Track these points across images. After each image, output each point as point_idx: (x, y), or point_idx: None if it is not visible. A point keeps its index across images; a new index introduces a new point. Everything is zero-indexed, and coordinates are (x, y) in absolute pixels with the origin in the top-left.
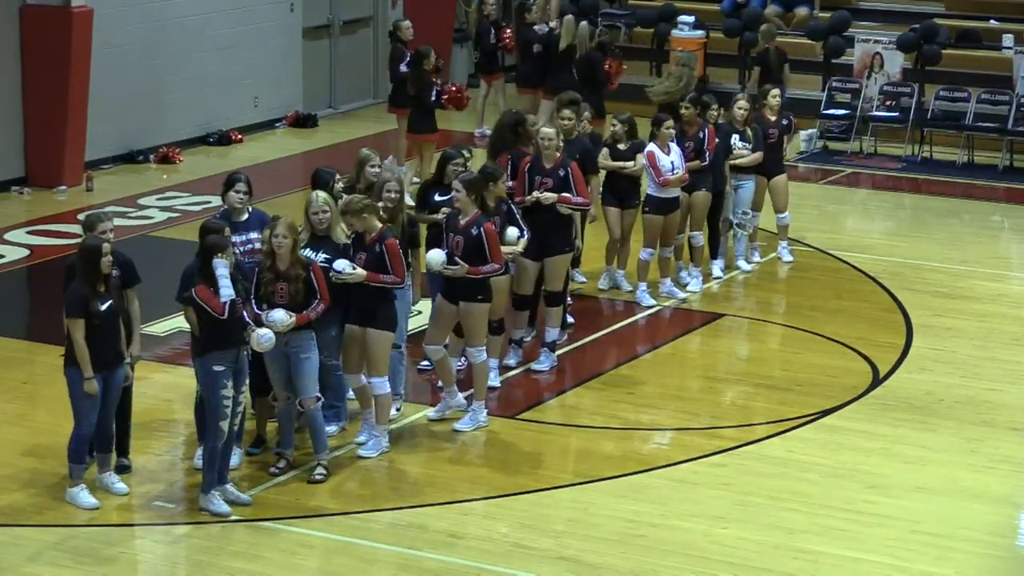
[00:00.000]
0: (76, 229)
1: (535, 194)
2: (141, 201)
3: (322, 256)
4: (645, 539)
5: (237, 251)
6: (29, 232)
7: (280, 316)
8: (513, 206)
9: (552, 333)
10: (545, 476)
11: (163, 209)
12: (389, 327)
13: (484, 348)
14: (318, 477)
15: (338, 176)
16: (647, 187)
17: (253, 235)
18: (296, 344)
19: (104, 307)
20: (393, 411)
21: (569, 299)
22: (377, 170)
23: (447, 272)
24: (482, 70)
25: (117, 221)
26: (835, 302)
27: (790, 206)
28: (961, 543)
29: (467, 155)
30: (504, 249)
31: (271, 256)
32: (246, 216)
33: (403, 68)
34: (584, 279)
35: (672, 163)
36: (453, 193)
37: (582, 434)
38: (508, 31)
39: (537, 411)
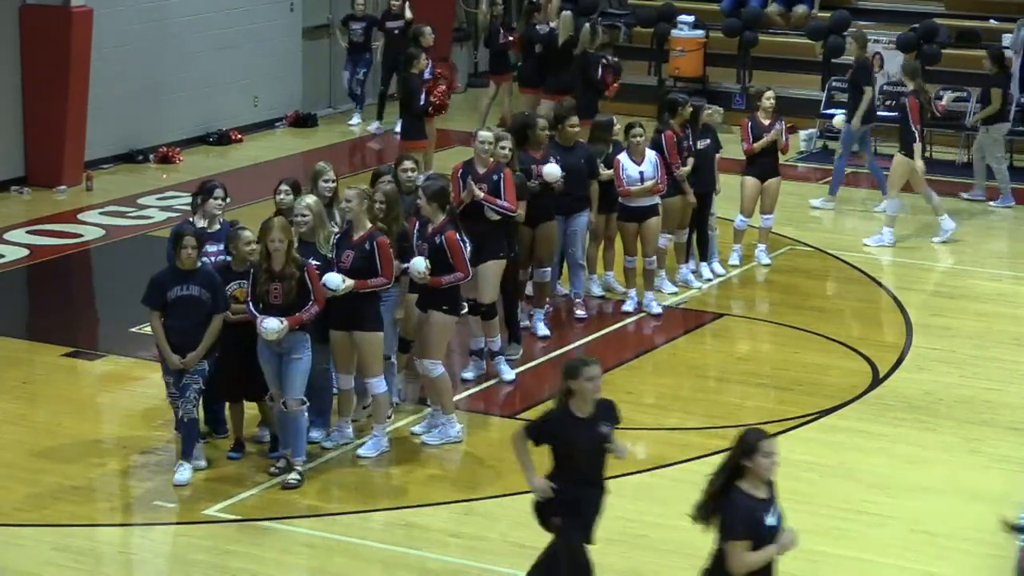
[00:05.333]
0: (76, 229)
1: (470, 185)
2: (141, 201)
3: (312, 263)
4: (645, 539)
5: (211, 260)
6: (29, 232)
7: (273, 324)
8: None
9: (495, 343)
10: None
11: (163, 209)
12: (376, 327)
13: (439, 362)
14: (292, 482)
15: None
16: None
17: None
18: (288, 345)
19: None
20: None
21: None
22: (332, 184)
23: (419, 279)
24: (492, 70)
25: (117, 221)
26: (835, 302)
27: (787, 206)
28: (961, 543)
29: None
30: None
31: (267, 257)
32: (218, 227)
33: (427, 75)
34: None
35: (641, 173)
36: (417, 202)
37: None
38: (512, 30)
39: (537, 411)
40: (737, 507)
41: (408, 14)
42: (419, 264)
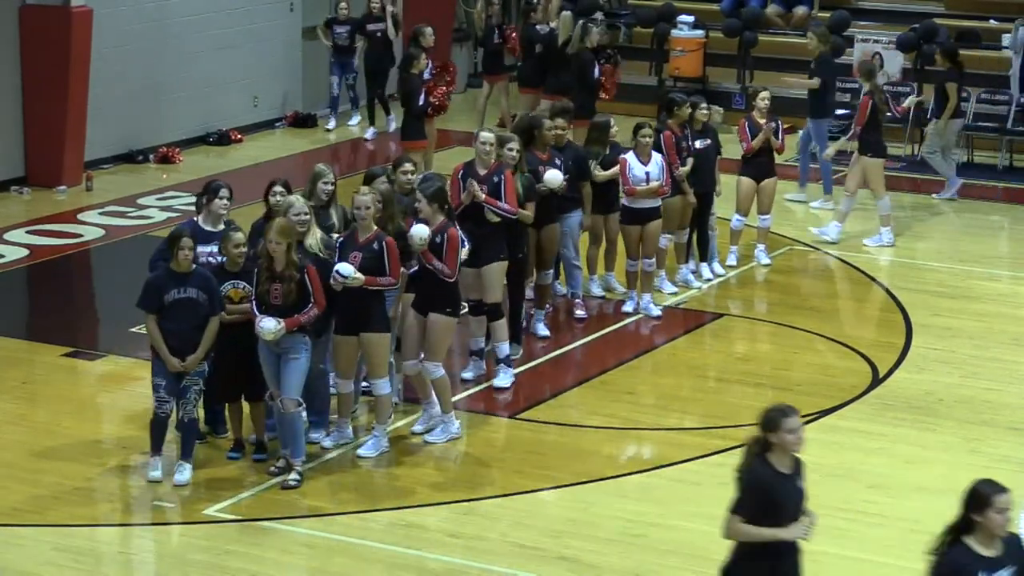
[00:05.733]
0: (76, 229)
1: (472, 187)
2: (141, 201)
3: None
4: (645, 539)
5: (215, 259)
6: (29, 232)
7: (269, 324)
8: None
9: (503, 348)
10: (545, 476)
11: (163, 209)
12: (384, 328)
13: (440, 364)
14: (292, 482)
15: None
16: (622, 196)
17: None
18: (287, 345)
19: None
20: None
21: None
22: (330, 187)
23: (419, 246)
24: (486, 70)
25: (117, 221)
26: (835, 302)
27: (786, 206)
28: None
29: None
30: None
31: (268, 257)
32: (222, 227)
33: (426, 76)
34: (603, 294)
35: (647, 173)
36: (416, 204)
37: (582, 434)
38: (512, 31)
39: (536, 411)
40: (946, 561)
41: (391, 30)
42: (422, 230)
